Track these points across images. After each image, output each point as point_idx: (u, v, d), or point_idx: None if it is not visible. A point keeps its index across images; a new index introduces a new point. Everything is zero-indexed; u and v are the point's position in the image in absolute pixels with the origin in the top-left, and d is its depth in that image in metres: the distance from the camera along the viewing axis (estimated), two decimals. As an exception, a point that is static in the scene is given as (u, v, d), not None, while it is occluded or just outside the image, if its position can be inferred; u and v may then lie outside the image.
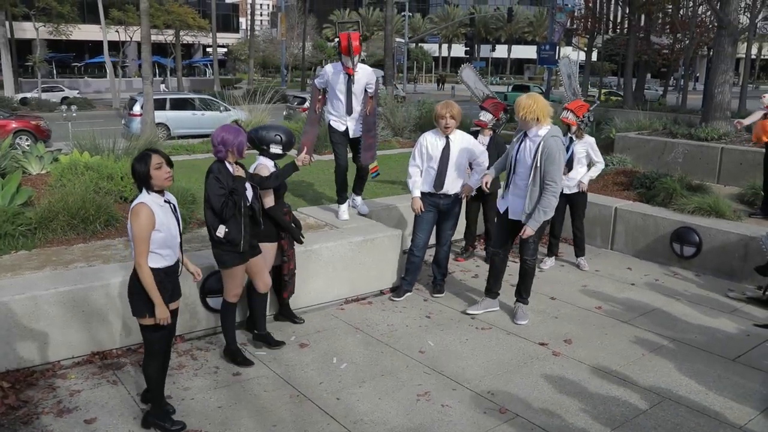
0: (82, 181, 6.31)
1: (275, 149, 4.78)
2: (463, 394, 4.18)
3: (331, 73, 6.00)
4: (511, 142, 5.49)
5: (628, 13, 24.59)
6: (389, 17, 22.04)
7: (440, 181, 5.57)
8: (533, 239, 5.22)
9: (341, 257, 5.61)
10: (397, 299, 5.81)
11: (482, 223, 7.08)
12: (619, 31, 33.08)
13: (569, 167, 6.48)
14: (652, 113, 14.58)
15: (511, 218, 5.30)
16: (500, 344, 4.95)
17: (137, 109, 18.44)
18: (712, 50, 20.24)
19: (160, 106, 19.02)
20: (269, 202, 4.74)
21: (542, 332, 5.17)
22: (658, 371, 4.53)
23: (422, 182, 5.69)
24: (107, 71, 34.07)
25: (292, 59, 59.94)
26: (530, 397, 4.15)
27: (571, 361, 4.67)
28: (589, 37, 29.53)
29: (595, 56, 38.98)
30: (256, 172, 4.67)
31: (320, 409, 3.96)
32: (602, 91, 32.61)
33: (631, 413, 3.97)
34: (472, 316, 5.48)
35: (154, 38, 33.61)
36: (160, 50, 46.54)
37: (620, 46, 34.10)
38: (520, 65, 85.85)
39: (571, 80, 7.89)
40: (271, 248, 4.78)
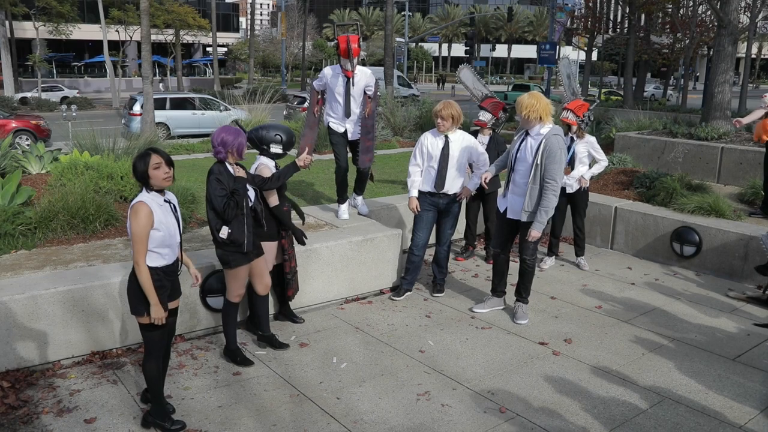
0: (82, 180, 6.31)
1: (275, 149, 4.78)
2: (463, 393, 4.18)
3: (330, 75, 5.98)
4: (511, 141, 5.49)
5: (628, 12, 24.60)
6: (389, 17, 22.04)
7: (441, 180, 5.57)
8: (528, 239, 5.22)
9: (341, 257, 5.61)
10: (397, 299, 5.81)
11: (482, 222, 7.09)
12: (619, 30, 33.11)
13: (571, 167, 6.49)
14: (652, 113, 14.59)
15: (509, 217, 5.30)
16: (500, 344, 4.95)
17: (137, 108, 18.44)
18: (712, 50, 20.24)
19: (160, 105, 19.02)
20: (274, 200, 4.74)
21: (542, 332, 5.17)
22: (658, 371, 4.53)
23: (422, 182, 5.69)
24: (107, 71, 34.08)
25: (292, 59, 59.99)
26: (530, 396, 4.15)
27: (571, 360, 4.67)
28: (589, 36, 29.55)
29: (595, 56, 39.00)
30: (257, 172, 4.67)
31: (320, 408, 3.96)
32: (602, 90, 32.63)
33: (631, 413, 3.97)
34: (479, 315, 5.48)
35: (154, 38, 33.66)
36: (160, 50, 46.57)
37: (620, 45, 34.14)
38: (520, 65, 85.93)
39: (570, 80, 7.88)
40: (271, 247, 4.79)
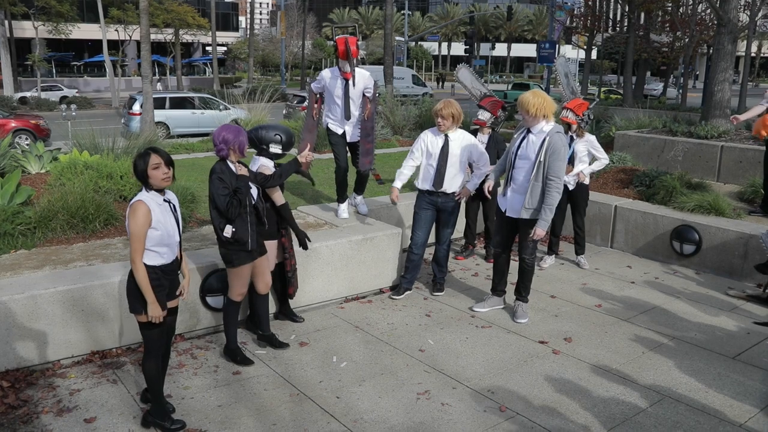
0: (81, 180, 6.30)
1: (275, 149, 4.78)
2: (463, 392, 4.18)
3: (328, 78, 5.94)
4: (511, 140, 5.48)
5: (627, 11, 24.59)
6: (389, 16, 22.01)
7: (439, 179, 5.57)
8: (530, 239, 5.21)
9: (341, 256, 5.61)
10: (396, 298, 5.81)
11: (482, 221, 7.09)
12: (618, 29, 33.11)
13: (571, 166, 6.49)
14: (651, 111, 14.59)
15: (509, 216, 5.30)
16: (500, 342, 4.95)
17: (137, 108, 18.43)
18: (711, 48, 20.23)
19: (159, 105, 19.00)
20: (280, 199, 4.75)
21: (542, 330, 5.17)
22: (657, 369, 4.53)
23: (422, 180, 5.69)
24: (106, 70, 34.06)
25: (291, 58, 59.96)
26: (530, 395, 4.15)
27: (571, 359, 4.67)
28: (588, 35, 29.56)
29: (594, 54, 39.00)
30: (258, 171, 4.67)
31: (320, 407, 3.96)
32: (602, 89, 32.66)
33: (631, 411, 3.97)
34: (479, 314, 5.48)
35: (153, 37, 33.62)
36: (159, 49, 46.54)
37: (620, 44, 34.13)
38: (519, 63, 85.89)
39: (568, 79, 7.87)
40: (272, 246, 4.79)
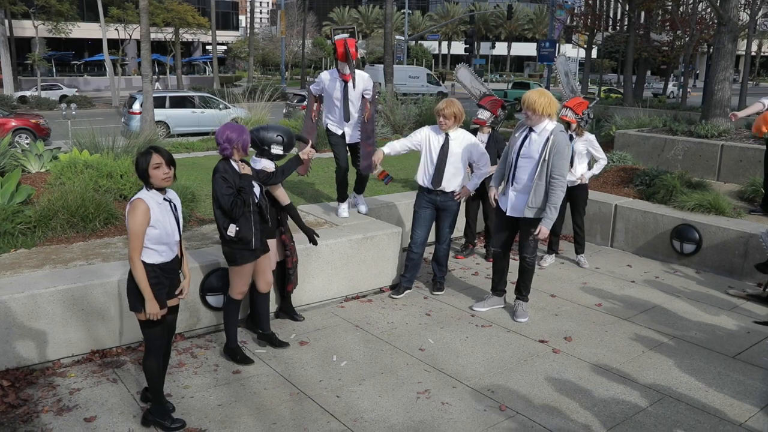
0: (81, 179, 6.30)
1: (276, 150, 4.78)
2: (463, 391, 4.18)
3: (327, 80, 5.92)
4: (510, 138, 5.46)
5: (627, 10, 24.57)
6: (389, 15, 21.99)
7: (438, 177, 5.57)
8: (534, 237, 5.21)
9: (341, 255, 5.61)
10: (396, 297, 5.81)
11: (482, 220, 7.09)
12: (618, 28, 33.09)
13: (570, 164, 6.48)
14: (651, 110, 14.57)
15: (510, 215, 5.28)
16: (500, 342, 4.95)
17: (137, 107, 18.42)
18: (712, 47, 20.22)
19: (159, 104, 18.99)
20: (285, 199, 4.75)
21: (542, 330, 5.17)
22: (658, 368, 4.53)
23: (420, 175, 5.69)
24: (107, 69, 34.04)
25: (291, 57, 59.98)
26: (530, 394, 4.15)
27: (571, 358, 4.67)
28: (588, 34, 29.53)
29: (594, 53, 38.96)
30: (261, 170, 4.68)
31: (320, 407, 3.96)
32: (602, 88, 32.62)
33: (631, 411, 3.97)
34: (479, 313, 5.48)
35: (153, 36, 33.58)
36: (159, 48, 46.49)
37: (620, 43, 34.13)
38: (520, 62, 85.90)
39: (568, 78, 7.87)
40: (273, 244, 4.79)
